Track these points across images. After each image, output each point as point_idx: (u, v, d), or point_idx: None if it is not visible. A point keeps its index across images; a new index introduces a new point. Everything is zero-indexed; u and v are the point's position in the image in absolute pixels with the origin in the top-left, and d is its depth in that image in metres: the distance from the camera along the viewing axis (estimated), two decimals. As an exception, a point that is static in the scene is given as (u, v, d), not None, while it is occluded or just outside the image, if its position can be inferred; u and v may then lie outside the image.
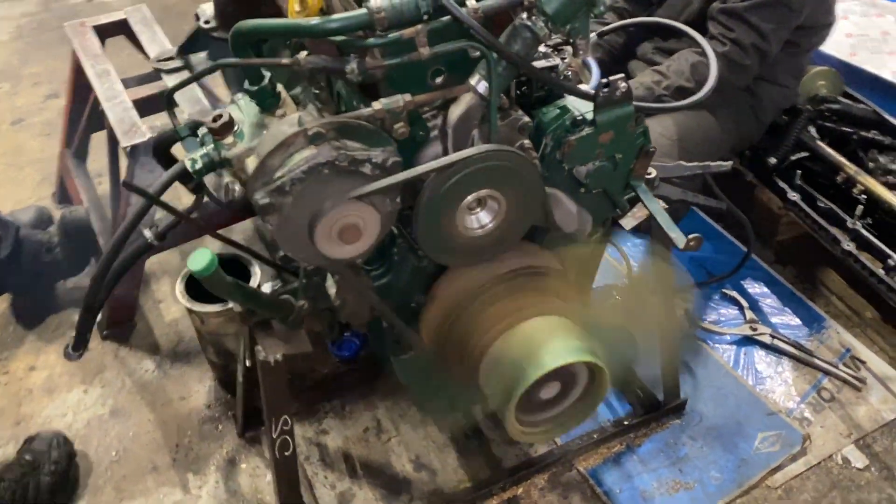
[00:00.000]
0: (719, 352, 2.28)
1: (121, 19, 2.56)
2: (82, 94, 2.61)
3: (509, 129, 1.41)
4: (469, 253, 1.37)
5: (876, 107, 2.42)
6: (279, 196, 1.19)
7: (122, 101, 2.16)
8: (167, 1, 4.21)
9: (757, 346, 2.29)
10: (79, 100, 2.63)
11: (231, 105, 1.46)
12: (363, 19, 1.18)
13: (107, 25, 2.55)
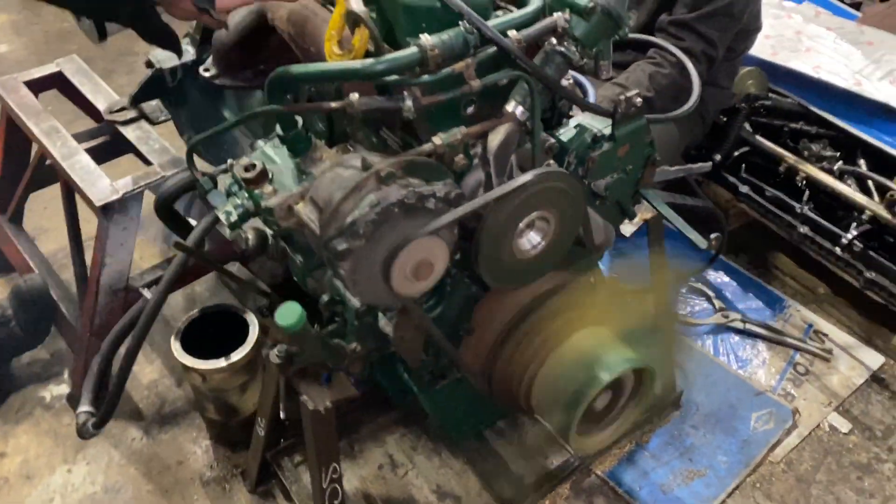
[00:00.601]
0: (699, 342, 2.40)
1: (54, 72, 2.42)
2: (17, 155, 2.46)
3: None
4: (524, 274, 1.40)
5: (800, 99, 2.63)
6: (353, 240, 1.17)
7: (82, 159, 2.04)
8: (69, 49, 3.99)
9: (731, 333, 2.43)
10: (12, 161, 2.46)
11: (255, 153, 1.42)
12: (416, 57, 1.19)
13: (40, 80, 2.40)
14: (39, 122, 2.18)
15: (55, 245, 2.81)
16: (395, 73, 1.19)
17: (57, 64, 2.45)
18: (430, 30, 1.27)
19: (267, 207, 1.33)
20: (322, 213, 1.23)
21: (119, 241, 2.01)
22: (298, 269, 1.52)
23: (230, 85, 1.54)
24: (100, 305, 2.07)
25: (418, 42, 1.19)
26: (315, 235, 1.24)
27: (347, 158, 1.27)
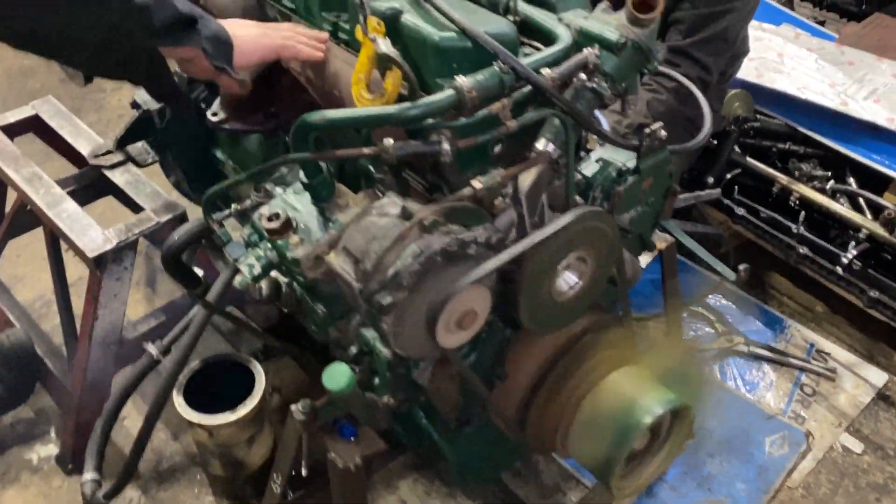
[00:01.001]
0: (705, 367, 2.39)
1: (31, 115, 2.32)
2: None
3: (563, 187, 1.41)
4: (562, 316, 1.35)
5: (786, 120, 2.66)
6: (397, 292, 1.11)
7: (68, 207, 1.94)
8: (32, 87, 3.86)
9: (736, 357, 2.42)
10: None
11: (275, 200, 1.36)
12: (453, 100, 1.15)
13: (15, 124, 2.29)
14: (19, 168, 2.07)
15: (32, 294, 2.68)
16: (431, 116, 1.15)
17: (33, 107, 2.35)
18: (461, 70, 1.23)
19: (294, 259, 1.27)
20: (358, 263, 1.17)
21: (112, 293, 1.91)
22: (320, 318, 1.45)
23: (241, 130, 1.47)
24: (92, 360, 1.97)
25: (454, 84, 1.15)
26: (350, 287, 1.18)
27: (381, 205, 1.21)
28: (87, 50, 1.14)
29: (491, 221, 1.22)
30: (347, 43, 1.43)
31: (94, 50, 1.14)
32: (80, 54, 1.16)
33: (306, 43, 1.35)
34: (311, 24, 1.50)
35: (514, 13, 1.33)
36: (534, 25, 1.32)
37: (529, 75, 1.18)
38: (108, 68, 1.21)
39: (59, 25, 1.08)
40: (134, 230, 1.89)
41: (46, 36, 1.09)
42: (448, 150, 1.16)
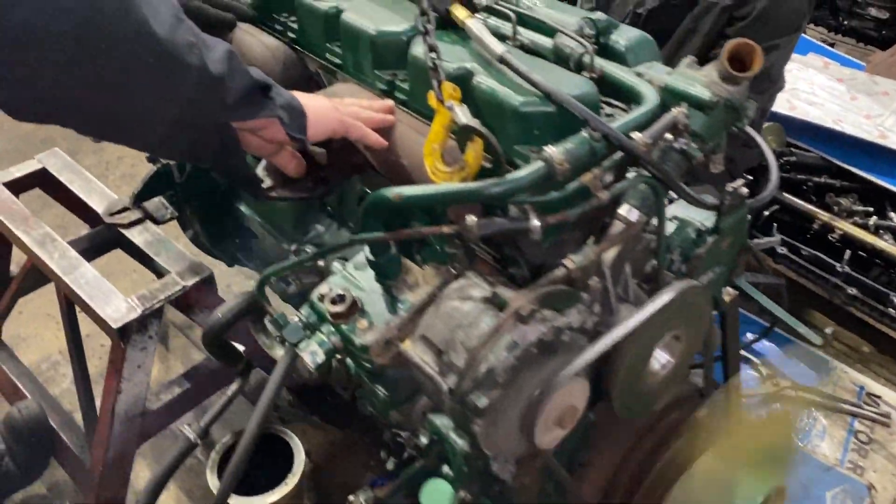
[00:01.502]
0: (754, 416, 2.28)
1: (37, 169, 2.18)
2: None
3: (642, 252, 1.31)
4: (653, 398, 1.24)
5: (821, 153, 2.58)
6: (491, 391, 1.00)
7: (86, 272, 1.81)
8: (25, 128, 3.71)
9: (783, 402, 2.32)
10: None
11: (334, 277, 1.24)
12: (542, 172, 1.04)
13: (21, 180, 2.16)
14: (29, 229, 1.93)
15: (37, 355, 2.54)
16: (521, 192, 1.04)
17: (39, 160, 2.21)
18: (542, 137, 1.13)
19: (363, 346, 1.15)
20: (441, 355, 1.06)
21: (136, 364, 1.77)
22: (380, 401, 1.33)
23: (288, 197, 1.35)
24: (114, 436, 1.83)
25: (543, 155, 1.04)
26: (433, 381, 1.06)
27: (461, 288, 1.10)
28: (158, 131, 1.02)
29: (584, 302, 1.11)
30: (404, 104, 1.33)
31: (165, 130, 1.03)
32: (151, 136, 1.04)
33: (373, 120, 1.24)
34: (360, 81, 1.39)
35: (591, 69, 1.23)
36: (613, 82, 1.22)
37: (624, 142, 1.07)
38: (178, 150, 1.10)
39: (134, 105, 0.97)
40: (159, 296, 1.76)
41: (118, 118, 0.98)
42: (538, 227, 1.05)
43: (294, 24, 1.52)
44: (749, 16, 2.08)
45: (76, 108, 0.92)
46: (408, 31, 1.32)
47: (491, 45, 1.17)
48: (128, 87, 0.93)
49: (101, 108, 0.95)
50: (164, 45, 0.94)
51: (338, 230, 1.73)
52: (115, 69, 0.90)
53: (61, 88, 0.88)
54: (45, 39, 0.80)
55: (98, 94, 0.92)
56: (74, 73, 0.86)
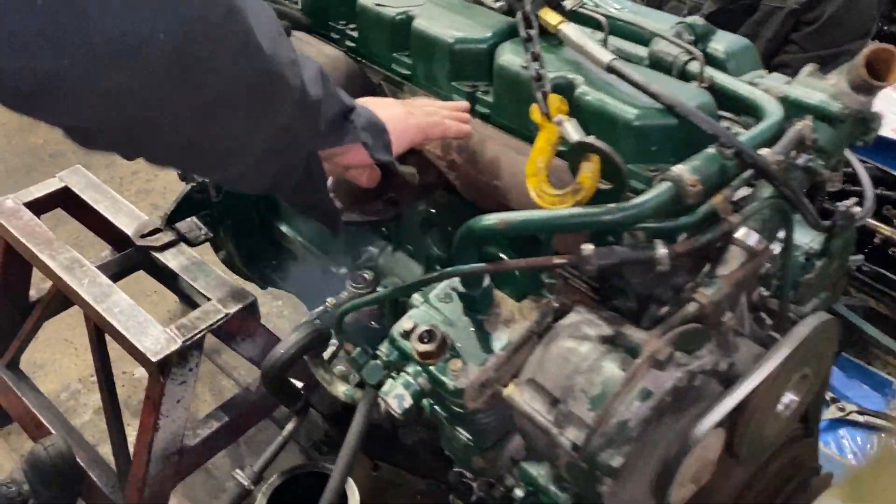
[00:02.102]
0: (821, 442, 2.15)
1: (59, 188, 2.06)
2: (15, 291, 2.07)
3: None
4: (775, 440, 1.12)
5: (876, 163, 2.47)
6: (625, 447, 0.87)
7: (119, 301, 1.68)
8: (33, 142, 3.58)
9: (850, 427, 2.20)
10: (10, 299, 2.07)
11: (417, 311, 1.11)
12: (671, 195, 0.92)
13: (42, 200, 2.03)
14: (55, 253, 1.81)
15: (56, 384, 2.40)
16: (648, 217, 0.92)
17: (60, 178, 2.09)
18: (661, 154, 1.01)
19: (457, 390, 1.02)
20: (557, 403, 0.93)
21: (176, 398, 1.64)
22: (462, 446, 1.21)
23: (358, 221, 1.23)
24: (151, 476, 1.69)
25: (672, 175, 0.92)
26: (547, 434, 0.94)
27: (576, 326, 0.97)
28: (247, 161, 0.90)
29: (714, 342, 0.98)
30: (486, 118, 1.21)
31: (254, 160, 0.90)
32: (238, 166, 0.91)
33: (451, 117, 1.11)
34: (434, 94, 1.27)
35: (700, 78, 1.11)
36: (726, 93, 1.10)
37: (759, 161, 0.95)
38: (260, 182, 0.96)
39: (228, 129, 0.84)
40: (200, 325, 1.63)
41: (206, 146, 0.85)
42: (665, 257, 0.93)
43: (353, 32, 1.41)
44: (818, 20, 1.98)
45: (163, 133, 0.79)
46: (490, 38, 1.21)
47: (595, 52, 1.05)
48: (225, 108, 0.79)
49: (190, 134, 0.81)
50: (268, 61, 0.81)
51: (393, 253, 1.61)
52: (215, 86, 0.77)
53: (151, 109, 0.75)
54: (139, 48, 0.67)
55: (191, 116, 0.77)
56: (169, 90, 0.73)
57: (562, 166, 1.01)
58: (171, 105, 0.76)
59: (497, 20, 1.25)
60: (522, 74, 1.11)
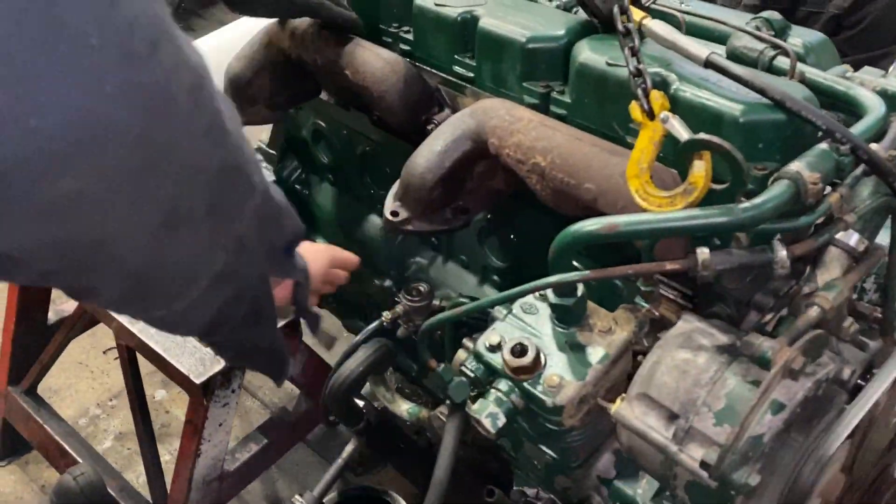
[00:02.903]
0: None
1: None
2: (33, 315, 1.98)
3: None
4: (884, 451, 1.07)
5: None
6: (757, 464, 0.82)
7: (155, 319, 1.60)
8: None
9: None
10: (28, 322, 1.98)
11: (501, 324, 1.05)
12: (791, 194, 0.87)
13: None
14: (81, 273, 1.72)
15: (73, 409, 2.31)
16: (769, 218, 0.86)
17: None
18: (769, 152, 0.96)
19: (556, 407, 0.96)
20: (675, 419, 0.87)
21: (218, 422, 1.57)
22: (545, 465, 1.14)
23: (426, 231, 1.17)
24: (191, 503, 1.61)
25: (790, 173, 0.87)
26: (663, 451, 0.88)
27: (688, 335, 0.92)
28: (199, 286, 0.76)
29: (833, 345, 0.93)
30: (561, 118, 1.15)
31: (206, 285, 0.76)
32: (186, 298, 0.76)
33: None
34: (502, 95, 1.22)
35: (792, 74, 1.07)
36: (818, 88, 1.05)
37: (874, 157, 0.90)
38: (203, 317, 0.82)
39: (184, 251, 0.71)
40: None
41: (160, 274, 0.71)
42: (785, 259, 0.88)
43: (408, 34, 1.35)
44: (860, 24, 1.95)
45: (112, 257, 0.64)
46: (564, 35, 1.15)
47: (690, 47, 1.00)
48: (187, 211, 0.67)
49: (143, 256, 0.66)
50: (234, 150, 0.71)
51: (444, 264, 1.55)
52: (177, 183, 0.63)
53: (104, 222, 0.60)
54: (99, 137, 0.53)
55: (149, 225, 0.64)
56: (127, 192, 0.59)
57: (657, 167, 0.96)
58: (127, 212, 0.61)
59: (568, 18, 1.20)
60: (608, 72, 1.06)
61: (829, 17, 1.98)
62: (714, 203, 0.88)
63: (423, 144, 1.16)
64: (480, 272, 1.48)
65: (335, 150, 1.65)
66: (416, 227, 1.17)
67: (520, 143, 1.08)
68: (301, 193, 1.80)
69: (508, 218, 1.35)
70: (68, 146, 0.52)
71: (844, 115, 1.05)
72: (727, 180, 0.89)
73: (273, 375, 1.03)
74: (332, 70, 1.36)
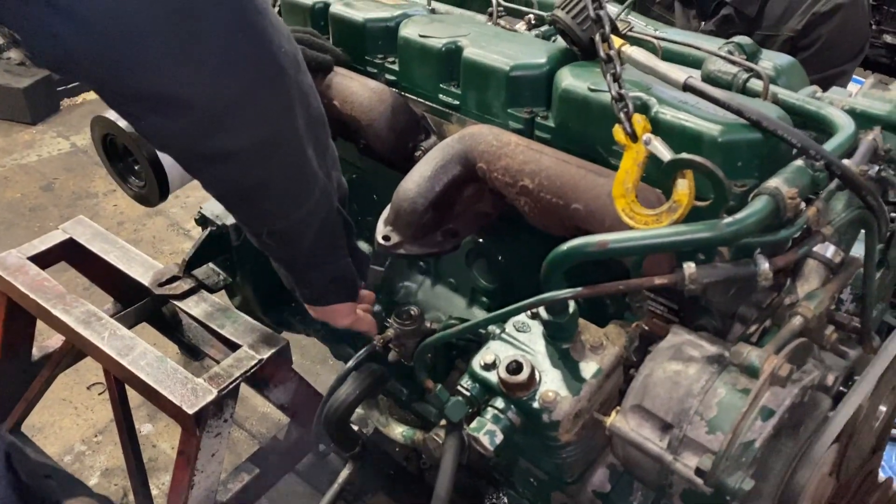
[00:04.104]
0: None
1: (64, 240, 1.97)
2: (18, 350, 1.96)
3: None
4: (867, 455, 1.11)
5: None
6: (750, 469, 0.85)
7: (146, 353, 1.60)
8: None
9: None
10: (13, 358, 1.96)
11: (495, 343, 1.08)
12: (772, 207, 0.91)
13: (47, 253, 1.94)
14: (68, 307, 1.72)
15: (58, 446, 2.29)
16: (751, 233, 0.90)
17: (64, 230, 2.00)
18: (747, 170, 1.01)
19: (553, 422, 0.98)
20: (669, 429, 0.90)
21: (211, 452, 1.56)
22: (540, 482, 1.16)
23: (417, 254, 1.19)
24: (189, 537, 1.60)
25: (769, 189, 0.91)
26: (659, 461, 0.90)
27: (678, 347, 0.95)
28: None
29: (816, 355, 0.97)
30: (546, 142, 1.19)
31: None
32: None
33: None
34: (485, 122, 1.25)
35: (765, 95, 1.12)
36: (791, 108, 1.10)
37: (847, 172, 0.95)
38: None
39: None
40: (234, 374, 1.56)
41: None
42: (768, 272, 0.92)
43: (393, 65, 1.39)
44: (814, 45, 2.03)
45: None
46: (546, 63, 1.20)
47: (668, 72, 1.05)
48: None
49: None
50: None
51: (433, 287, 1.57)
52: None
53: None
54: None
55: None
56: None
57: (642, 186, 1.00)
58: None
59: (549, 46, 1.25)
60: (590, 97, 1.11)
61: (785, 39, 2.06)
62: (698, 219, 0.92)
63: (413, 170, 1.19)
64: (469, 294, 1.50)
65: (322, 179, 1.68)
66: (408, 250, 1.20)
67: (508, 166, 1.12)
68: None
69: (495, 240, 1.39)
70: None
71: (816, 133, 1.10)
72: (710, 197, 0.93)
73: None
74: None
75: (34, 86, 4.00)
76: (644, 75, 1.11)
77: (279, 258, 1.27)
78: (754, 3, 2.13)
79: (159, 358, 1.59)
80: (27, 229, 3.14)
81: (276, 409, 1.82)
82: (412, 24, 1.35)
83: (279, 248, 1.20)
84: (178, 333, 2.16)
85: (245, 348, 1.63)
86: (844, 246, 1.07)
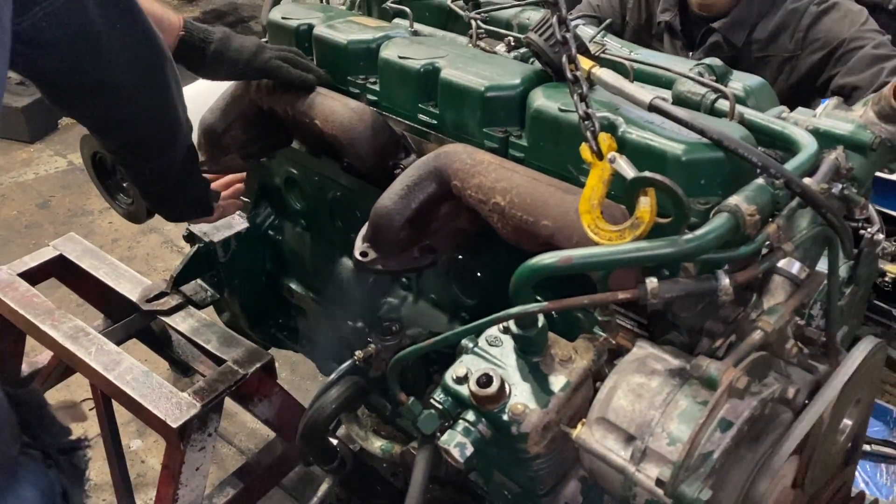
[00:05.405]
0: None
1: (53, 257, 2.00)
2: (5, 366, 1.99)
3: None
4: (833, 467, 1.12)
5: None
6: (709, 479, 0.86)
7: (132, 367, 1.62)
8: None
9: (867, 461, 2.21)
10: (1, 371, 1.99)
11: (468, 357, 1.10)
12: (731, 225, 0.93)
13: (37, 269, 1.97)
14: (57, 323, 1.75)
15: (47, 462, 2.28)
16: (711, 249, 0.93)
17: (54, 247, 2.03)
18: (710, 188, 1.03)
19: (522, 434, 1.00)
20: (632, 440, 0.92)
21: (195, 466, 1.58)
22: (515, 496, 1.18)
23: (394, 270, 1.22)
24: (168, 552, 1.62)
25: (730, 206, 0.94)
26: (624, 473, 0.92)
27: (642, 360, 0.97)
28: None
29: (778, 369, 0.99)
30: (520, 161, 1.22)
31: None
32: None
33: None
34: (461, 140, 1.28)
35: (731, 116, 1.15)
36: (756, 128, 1.13)
37: (807, 190, 0.97)
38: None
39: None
40: (218, 388, 1.59)
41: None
42: (728, 287, 0.94)
43: (374, 85, 1.42)
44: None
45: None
46: (519, 84, 1.23)
47: (635, 93, 1.08)
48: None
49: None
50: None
51: (414, 303, 1.60)
52: None
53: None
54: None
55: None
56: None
57: (608, 203, 1.02)
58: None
59: (524, 68, 1.28)
60: (561, 117, 1.14)
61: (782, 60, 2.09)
62: (660, 236, 0.94)
63: (390, 187, 1.22)
64: (450, 310, 1.53)
65: (307, 196, 1.71)
66: (385, 266, 1.22)
67: (481, 184, 1.15)
68: (274, 239, 1.85)
69: (474, 256, 1.41)
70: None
71: (782, 153, 1.13)
72: (671, 214, 0.96)
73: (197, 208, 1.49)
74: (302, 120, 1.42)
75: (33, 105, 4.04)
76: (613, 96, 1.14)
77: (147, 188, 1.42)
78: (742, 32, 2.16)
79: (145, 373, 1.61)
80: (22, 246, 3.18)
81: (265, 426, 1.84)
82: (392, 46, 1.39)
83: (152, 180, 1.36)
84: (168, 350, 2.19)
85: (230, 363, 1.65)
86: (809, 262, 1.09)
